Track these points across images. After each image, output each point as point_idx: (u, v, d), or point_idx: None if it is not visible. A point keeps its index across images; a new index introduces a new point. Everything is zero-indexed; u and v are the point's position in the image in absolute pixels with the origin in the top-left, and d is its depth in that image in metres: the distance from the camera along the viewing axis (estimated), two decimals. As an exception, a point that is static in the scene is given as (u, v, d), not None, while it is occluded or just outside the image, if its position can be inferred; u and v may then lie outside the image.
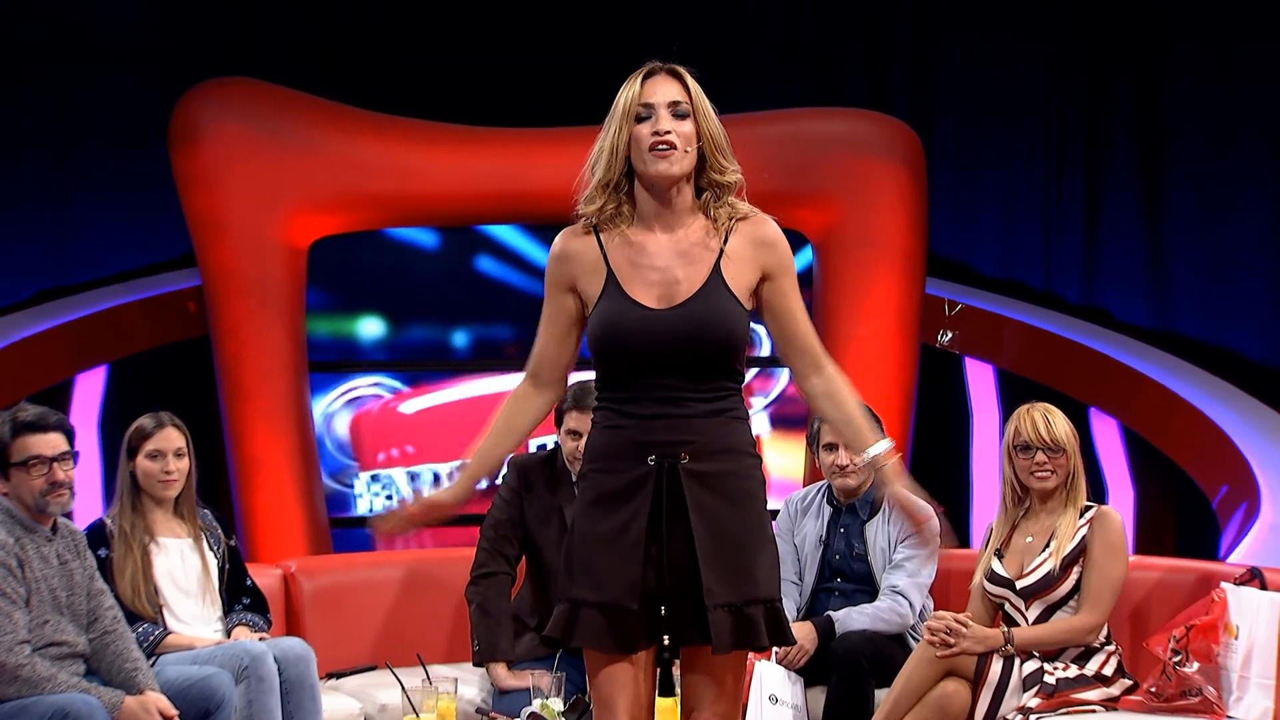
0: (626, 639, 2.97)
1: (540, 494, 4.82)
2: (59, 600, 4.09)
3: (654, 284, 2.99)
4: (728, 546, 2.96)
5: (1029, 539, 4.44)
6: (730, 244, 3.03)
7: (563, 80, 7.03)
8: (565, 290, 3.06)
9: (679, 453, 2.95)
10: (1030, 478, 4.42)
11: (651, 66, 3.03)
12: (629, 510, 2.96)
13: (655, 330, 2.96)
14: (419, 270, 7.13)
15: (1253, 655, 4.19)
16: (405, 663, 4.66)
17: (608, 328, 2.99)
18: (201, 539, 4.61)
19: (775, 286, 3.06)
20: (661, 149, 2.96)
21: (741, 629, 2.96)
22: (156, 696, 4.05)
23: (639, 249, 3.02)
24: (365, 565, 5.47)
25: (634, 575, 2.94)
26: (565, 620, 3.00)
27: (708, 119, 3.01)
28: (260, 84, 6.62)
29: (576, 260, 3.04)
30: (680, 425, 2.96)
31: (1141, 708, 4.25)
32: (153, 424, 4.56)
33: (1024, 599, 4.37)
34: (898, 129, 6.74)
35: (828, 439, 4.78)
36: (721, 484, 2.97)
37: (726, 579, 2.95)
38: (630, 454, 2.97)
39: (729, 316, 2.98)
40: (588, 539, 3.00)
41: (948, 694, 4.25)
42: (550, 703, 4.27)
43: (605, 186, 3.02)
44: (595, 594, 2.96)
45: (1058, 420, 4.41)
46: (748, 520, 3.00)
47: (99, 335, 6.84)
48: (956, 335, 7.21)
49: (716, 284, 2.99)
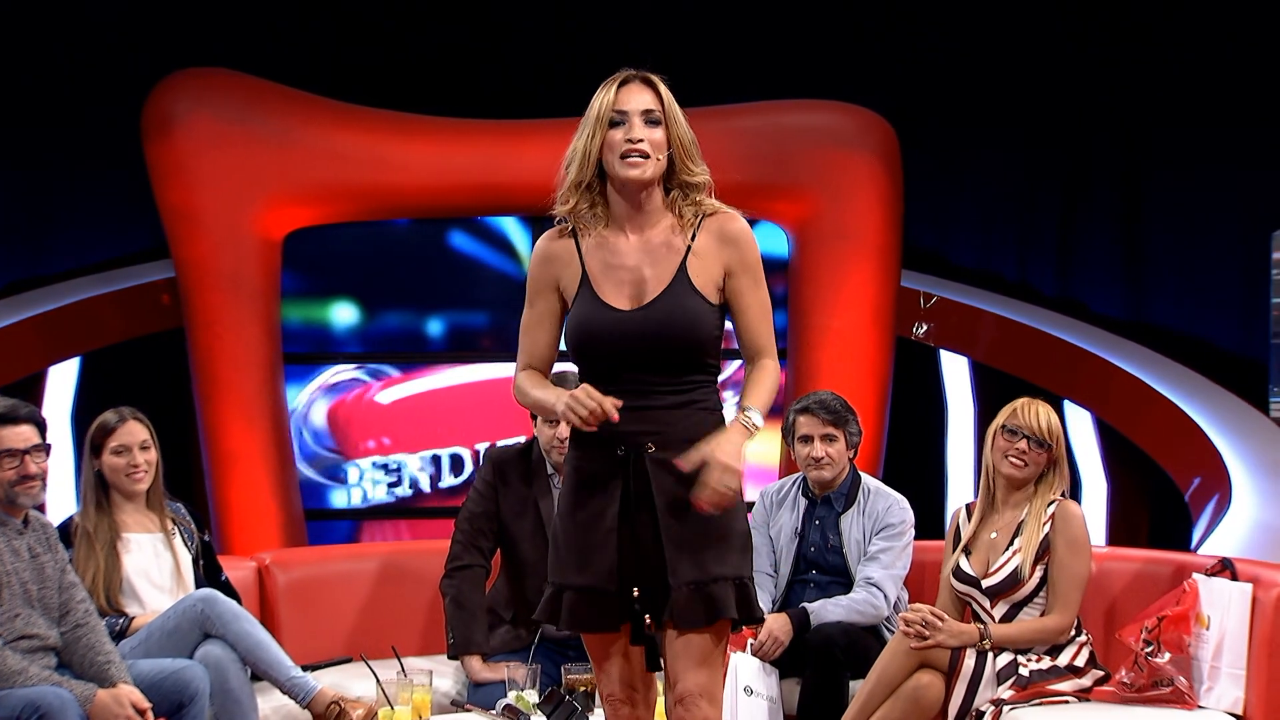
0: (607, 620, 3.14)
1: (515, 487, 4.82)
2: (30, 593, 4.07)
3: (624, 283, 3.16)
4: (694, 530, 3.09)
5: (993, 535, 4.46)
6: (697, 241, 3.17)
7: (536, 72, 7.02)
8: (550, 291, 3.23)
9: (645, 443, 3.09)
10: (1004, 460, 4.43)
11: (626, 74, 3.16)
12: (604, 498, 3.12)
13: (623, 331, 3.12)
14: (392, 251, 7.12)
15: (1224, 645, 4.21)
16: (380, 655, 4.66)
17: (581, 330, 3.15)
18: (173, 532, 4.59)
19: (734, 283, 3.18)
20: (634, 157, 3.11)
21: (706, 603, 3.09)
22: (129, 689, 4.03)
23: (611, 250, 3.18)
24: (340, 558, 5.46)
25: (610, 560, 3.11)
26: (550, 604, 3.18)
27: (678, 125, 3.15)
28: (234, 74, 6.59)
29: (558, 261, 3.21)
30: (648, 417, 3.10)
31: (1114, 698, 4.27)
32: (115, 419, 4.54)
33: (989, 598, 4.40)
34: (873, 121, 6.75)
35: (802, 432, 4.79)
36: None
37: (692, 559, 3.09)
38: (603, 444, 3.11)
39: (692, 314, 3.13)
40: (568, 524, 3.17)
41: (922, 686, 4.26)
42: (525, 694, 4.27)
43: (578, 186, 3.17)
44: (577, 577, 3.14)
45: (1052, 418, 4.46)
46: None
47: (72, 327, 6.81)
48: (932, 327, 7.23)
49: (682, 282, 3.14)
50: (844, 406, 4.81)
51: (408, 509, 7.18)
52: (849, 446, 4.81)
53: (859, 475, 4.86)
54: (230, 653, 4.29)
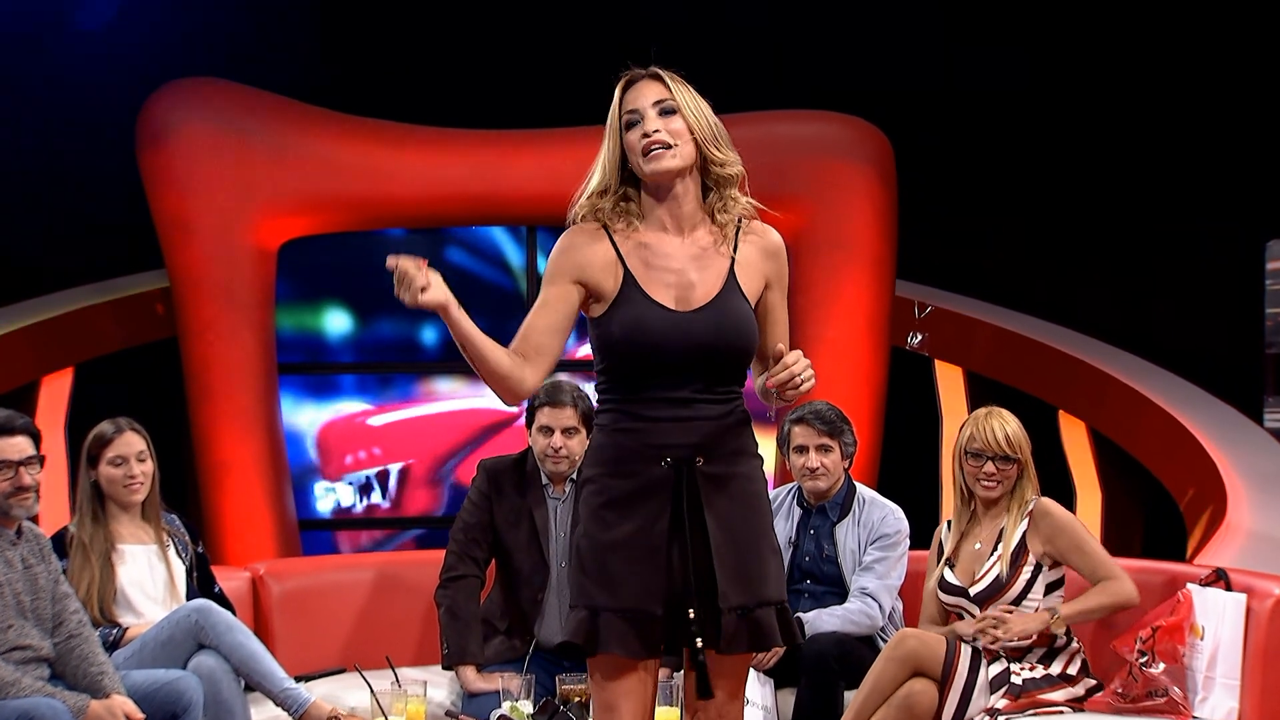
0: (650, 643, 2.96)
1: (510, 497, 4.81)
2: (23, 604, 4.06)
3: (670, 285, 3.01)
4: (740, 549, 2.97)
5: (977, 545, 4.47)
6: (741, 250, 3.07)
7: (531, 82, 7.03)
8: (571, 280, 3.01)
9: (693, 456, 2.95)
10: (977, 484, 4.45)
11: (632, 74, 3.07)
12: (646, 514, 2.95)
13: (679, 332, 2.96)
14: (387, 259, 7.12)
15: (1218, 656, 4.21)
16: (374, 665, 4.65)
17: (631, 328, 2.97)
18: (167, 544, 4.58)
19: (770, 296, 3.10)
20: (655, 150, 2.99)
21: (753, 631, 2.98)
22: (123, 700, 4.02)
23: (652, 251, 3.03)
24: (334, 568, 5.46)
25: (657, 580, 2.94)
26: (585, 627, 2.96)
27: (695, 112, 3.03)
28: (229, 84, 6.60)
29: (588, 252, 3.02)
30: (693, 428, 2.95)
31: (1108, 708, 4.27)
32: (112, 430, 4.53)
33: (978, 605, 4.40)
34: (868, 132, 6.76)
35: (797, 442, 4.79)
36: (733, 487, 2.98)
37: (739, 582, 2.96)
38: (643, 457, 2.96)
39: (746, 321, 3.01)
40: (600, 545, 2.97)
41: (915, 693, 4.26)
42: (519, 705, 4.26)
43: (601, 194, 3.04)
44: (615, 599, 2.94)
45: (1011, 427, 4.43)
46: (757, 523, 3.02)
47: (66, 337, 6.80)
48: (926, 337, 7.24)
49: (733, 289, 3.02)
50: (839, 416, 4.81)
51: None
52: (844, 456, 4.81)
53: (854, 485, 4.86)
54: (223, 663, 4.28)
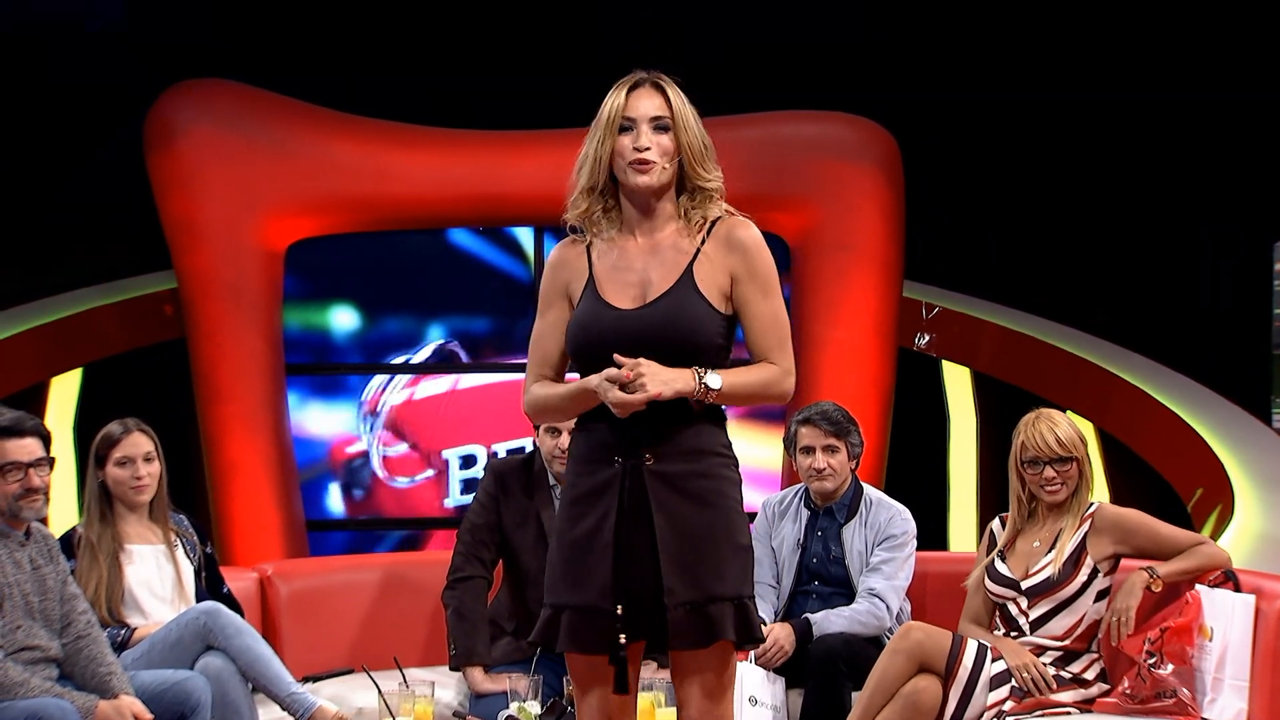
0: (604, 639, 3.01)
1: (517, 498, 4.82)
2: (31, 605, 4.06)
3: (630, 285, 3.08)
4: (692, 546, 3.00)
5: (1035, 543, 4.44)
6: (706, 246, 3.10)
7: (537, 82, 7.03)
8: (562, 297, 3.15)
9: (643, 454, 3.00)
10: (1041, 491, 4.42)
11: (637, 78, 3.11)
12: (599, 512, 3.02)
13: (622, 329, 3.03)
14: (396, 255, 7.12)
15: (1227, 657, 4.20)
16: (382, 666, 4.65)
17: (579, 328, 3.08)
18: (175, 544, 4.59)
19: (741, 291, 3.10)
20: (641, 166, 3.06)
21: (702, 626, 2.99)
22: (131, 700, 4.03)
23: (620, 253, 3.11)
24: (342, 568, 5.46)
25: (605, 576, 3.00)
26: (547, 625, 3.07)
27: (688, 131, 3.09)
28: (236, 85, 6.60)
29: (569, 267, 3.15)
30: (648, 426, 2.99)
31: (1116, 710, 4.26)
32: (120, 430, 4.53)
33: (1029, 598, 4.38)
34: (875, 132, 6.76)
35: (804, 443, 4.79)
36: (688, 484, 3.01)
37: (689, 578, 2.99)
38: (600, 455, 3.04)
39: (694, 317, 3.04)
40: (564, 542, 3.07)
41: (919, 689, 4.25)
42: (527, 706, 4.26)
43: (590, 191, 3.12)
44: (574, 596, 3.03)
45: (1062, 428, 4.40)
46: (714, 519, 3.02)
47: (74, 338, 6.81)
48: (933, 338, 7.23)
49: (686, 284, 3.06)
50: (846, 417, 4.81)
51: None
52: (851, 457, 4.81)
53: (861, 486, 4.85)
54: (231, 664, 4.28)
